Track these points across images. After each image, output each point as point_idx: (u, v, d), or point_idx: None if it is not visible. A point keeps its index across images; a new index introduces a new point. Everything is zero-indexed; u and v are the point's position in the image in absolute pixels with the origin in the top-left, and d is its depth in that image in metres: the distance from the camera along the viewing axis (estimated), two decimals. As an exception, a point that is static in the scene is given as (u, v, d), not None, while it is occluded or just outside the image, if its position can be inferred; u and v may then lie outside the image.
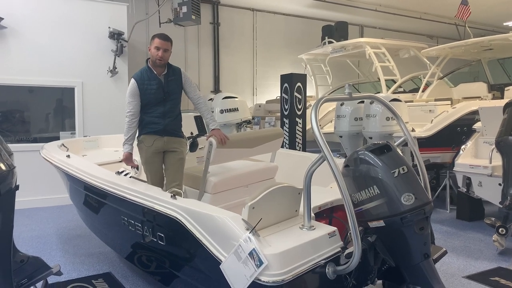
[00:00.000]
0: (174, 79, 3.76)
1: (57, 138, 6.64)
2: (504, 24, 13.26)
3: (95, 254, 4.59)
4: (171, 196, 2.76)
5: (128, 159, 3.78)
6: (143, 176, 4.08)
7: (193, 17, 7.81)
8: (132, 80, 3.69)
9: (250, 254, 2.14)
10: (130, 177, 4.11)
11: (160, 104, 3.69)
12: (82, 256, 4.55)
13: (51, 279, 3.48)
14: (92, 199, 3.88)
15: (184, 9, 7.77)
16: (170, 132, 3.76)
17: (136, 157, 3.99)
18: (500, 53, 7.76)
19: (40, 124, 7.37)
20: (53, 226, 5.72)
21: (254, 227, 2.21)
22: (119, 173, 3.68)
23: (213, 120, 3.85)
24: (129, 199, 3.03)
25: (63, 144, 5.13)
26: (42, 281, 2.78)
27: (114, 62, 7.35)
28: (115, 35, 7.31)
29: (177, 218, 2.57)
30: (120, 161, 4.97)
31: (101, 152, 5.57)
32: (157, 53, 3.61)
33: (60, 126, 7.43)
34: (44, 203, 6.76)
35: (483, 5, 11.03)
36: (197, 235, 2.44)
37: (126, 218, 3.24)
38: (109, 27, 7.30)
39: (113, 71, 7.35)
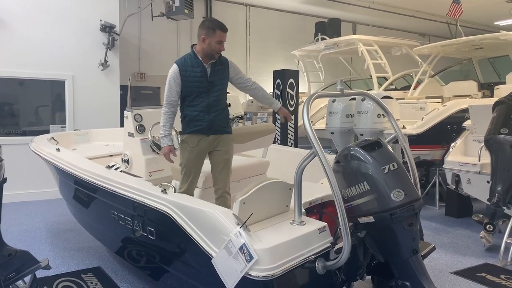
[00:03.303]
0: (221, 69, 3.48)
1: (47, 132, 6.57)
2: (495, 23, 13.36)
3: (85, 248, 4.57)
4: (162, 191, 2.75)
5: (168, 153, 3.44)
6: (134, 170, 4.07)
7: (186, 11, 7.76)
8: (174, 65, 3.38)
9: (241, 249, 2.15)
10: (121, 171, 4.10)
11: (203, 96, 3.37)
12: (71, 250, 4.52)
13: (40, 273, 3.46)
14: (82, 193, 3.85)
15: (177, 2, 7.71)
16: (216, 130, 3.44)
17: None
18: (490, 52, 7.82)
19: (30, 117, 7.29)
20: (42, 220, 5.67)
21: (245, 222, 2.21)
22: (109, 167, 3.66)
23: (275, 100, 3.72)
24: (120, 193, 3.02)
25: (52, 138, 5.08)
26: (30, 275, 2.75)
27: (106, 55, 7.28)
28: (107, 28, 7.23)
29: (168, 213, 2.57)
30: (111, 155, 4.95)
31: (91, 146, 5.53)
32: (219, 47, 3.35)
33: (50, 119, 7.34)
34: (33, 197, 6.69)
35: (474, 4, 11.09)
36: (187, 230, 2.44)
37: (116, 213, 3.23)
38: (100, 20, 7.22)
39: (105, 65, 7.29)
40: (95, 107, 7.27)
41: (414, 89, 7.93)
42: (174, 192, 3.53)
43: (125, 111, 4.25)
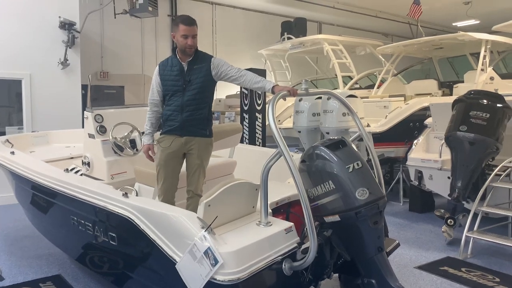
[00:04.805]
0: (200, 68, 3.31)
1: (3, 134, 6.25)
2: (453, 24, 13.91)
3: (44, 256, 4.35)
4: (123, 195, 2.64)
5: (146, 151, 3.42)
6: (95, 173, 3.92)
7: (150, 8, 7.55)
8: (157, 66, 3.41)
9: (205, 253, 2.09)
10: (81, 174, 3.93)
11: (178, 95, 3.27)
12: (29, 258, 4.29)
13: (-6, 285, 3.27)
14: (40, 198, 3.66)
15: (141, 0, 7.50)
16: (189, 131, 3.29)
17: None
18: (449, 51, 8.12)
19: (-17, 119, 6.92)
20: (-2, 227, 5.38)
21: (210, 225, 2.16)
22: (68, 170, 3.51)
23: (266, 81, 3.22)
24: (79, 198, 2.89)
25: (7, 140, 4.83)
26: (-19, 288, 2.59)
27: (66, 53, 6.99)
28: (66, 25, 6.95)
29: (129, 218, 2.47)
30: (72, 158, 4.76)
31: (51, 148, 5.29)
32: (186, 41, 3.21)
33: (6, 120, 7.00)
34: (-12, 203, 6.34)
35: (434, 5, 11.49)
36: (150, 235, 2.36)
37: (76, 218, 3.08)
38: (59, 17, 6.92)
39: (64, 63, 7.00)
40: (55, 108, 6.96)
41: (378, 87, 8.11)
42: (136, 195, 3.43)
43: (85, 112, 4.09)
